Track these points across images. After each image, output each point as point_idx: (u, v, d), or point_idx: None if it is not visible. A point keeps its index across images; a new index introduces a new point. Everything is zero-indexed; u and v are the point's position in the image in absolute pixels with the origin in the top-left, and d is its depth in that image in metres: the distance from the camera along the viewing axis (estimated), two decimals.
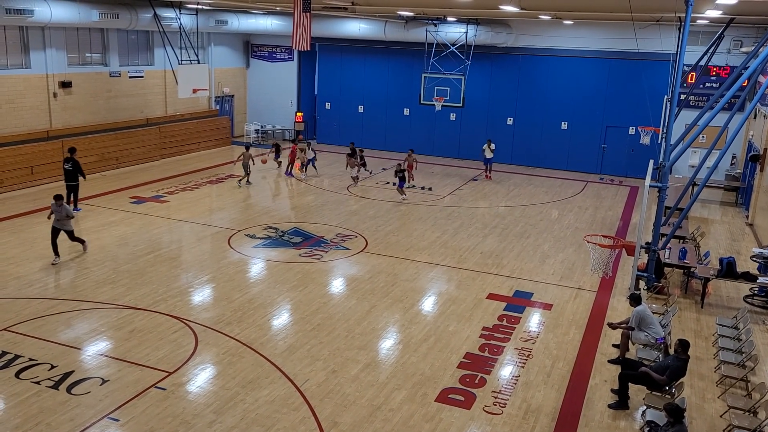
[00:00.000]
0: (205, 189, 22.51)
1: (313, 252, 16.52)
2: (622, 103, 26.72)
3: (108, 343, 11.39)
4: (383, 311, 13.22)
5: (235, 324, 12.27)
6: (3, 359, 10.62)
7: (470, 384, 10.56)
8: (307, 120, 32.53)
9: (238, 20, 28.21)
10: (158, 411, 9.42)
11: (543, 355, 11.68)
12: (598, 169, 27.70)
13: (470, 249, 17.32)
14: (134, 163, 25.27)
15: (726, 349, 11.21)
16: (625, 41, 25.21)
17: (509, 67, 28.24)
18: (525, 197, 23.36)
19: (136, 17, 23.35)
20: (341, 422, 9.35)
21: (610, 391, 10.49)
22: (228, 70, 31.46)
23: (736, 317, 12.52)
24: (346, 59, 30.96)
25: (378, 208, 20.85)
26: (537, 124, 28.30)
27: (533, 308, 13.75)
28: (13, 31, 21.41)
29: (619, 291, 14.83)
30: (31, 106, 22.09)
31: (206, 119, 29.41)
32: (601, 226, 20.05)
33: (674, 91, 14.30)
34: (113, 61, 25.07)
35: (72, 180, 18.82)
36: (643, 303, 11.35)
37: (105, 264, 15.02)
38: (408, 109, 30.05)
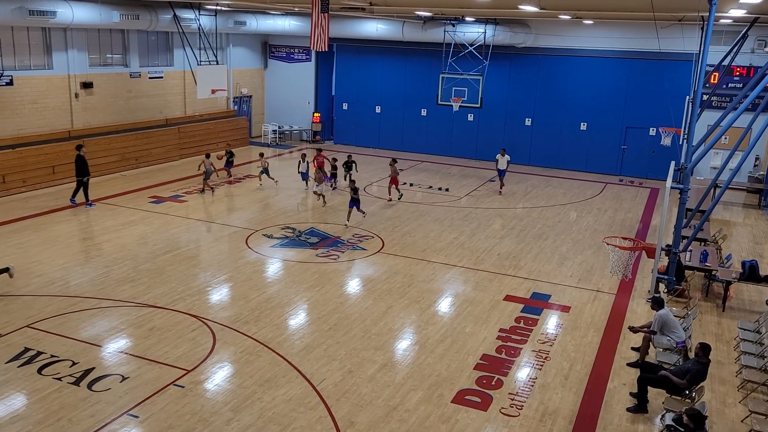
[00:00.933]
0: (223, 189, 22.64)
1: (329, 252, 16.56)
2: (642, 103, 26.47)
3: (128, 340, 11.50)
4: (400, 312, 13.21)
5: (252, 323, 12.33)
6: (26, 355, 10.77)
7: (487, 385, 10.52)
8: (324, 121, 32.62)
9: (256, 21, 28.36)
10: (177, 408, 9.49)
11: (561, 357, 11.61)
12: (618, 170, 27.46)
13: (487, 250, 17.25)
14: (153, 163, 25.50)
15: (748, 354, 11.05)
16: (646, 41, 24.98)
17: (528, 67, 28.10)
18: (543, 198, 23.22)
19: (156, 18, 23.57)
20: (357, 422, 9.36)
21: (628, 395, 10.40)
22: (246, 70, 31.63)
23: (759, 321, 12.34)
24: (363, 60, 31.00)
25: (395, 209, 20.84)
26: (556, 125, 28.12)
27: (551, 310, 13.66)
28: (36, 32, 21.71)
29: (639, 294, 14.70)
30: (53, 106, 22.38)
31: (224, 120, 29.60)
32: (620, 228, 19.88)
33: (697, 91, 14.14)
34: (133, 62, 25.32)
35: (77, 175, 19.35)
36: (665, 307, 11.23)
37: (125, 263, 15.17)
38: (425, 110, 30.01)
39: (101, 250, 15.96)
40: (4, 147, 20.52)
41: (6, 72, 20.54)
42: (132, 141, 24.65)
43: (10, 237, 16.60)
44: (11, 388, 9.83)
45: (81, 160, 19.33)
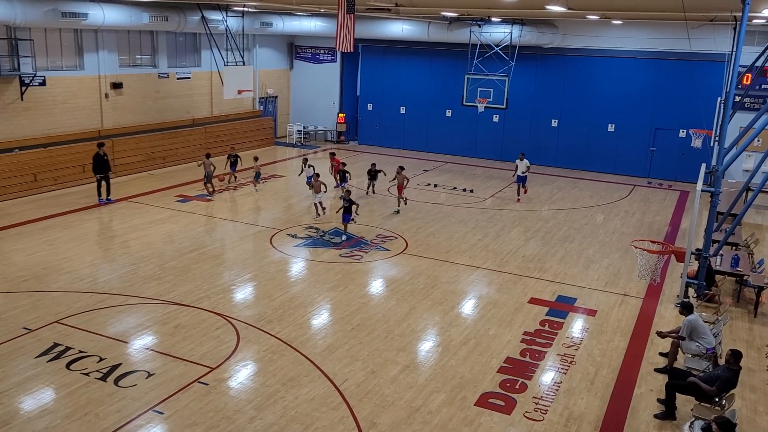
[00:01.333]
0: (248, 188, 22.79)
1: (353, 252, 16.57)
2: (672, 104, 26.07)
3: (154, 337, 11.62)
4: (423, 313, 13.16)
5: (276, 322, 12.38)
6: (55, 350, 10.94)
7: (511, 389, 10.43)
8: (349, 121, 32.68)
9: (282, 22, 28.52)
10: (201, 405, 9.56)
11: (586, 361, 11.46)
12: (646, 172, 27.08)
13: (512, 252, 17.12)
14: (180, 162, 25.77)
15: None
16: (676, 41, 24.60)
17: (555, 67, 27.85)
18: (569, 201, 22.99)
19: (184, 20, 23.83)
20: (380, 423, 9.34)
21: (656, 401, 10.23)
22: (272, 71, 31.83)
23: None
24: (388, 60, 31.00)
25: (419, 210, 20.79)
26: (583, 126, 27.83)
27: (576, 314, 13.50)
28: (68, 33, 22.08)
29: (667, 298, 14.46)
30: (83, 106, 22.74)
31: (250, 120, 29.81)
32: (648, 231, 19.59)
33: (729, 92, 13.88)
34: (162, 63, 25.63)
35: (93, 172, 19.93)
36: (694, 312, 11.03)
37: (151, 260, 15.34)
38: (450, 111, 29.91)
39: (128, 248, 16.17)
40: (35, 146, 20.91)
41: (39, 72, 20.92)
42: (159, 140, 24.95)
43: (40, 234, 16.89)
44: (40, 382, 10.00)
45: (97, 158, 19.73)
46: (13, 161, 19.98)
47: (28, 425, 8.92)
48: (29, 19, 19.01)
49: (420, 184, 24.34)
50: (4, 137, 20.33)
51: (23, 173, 20.23)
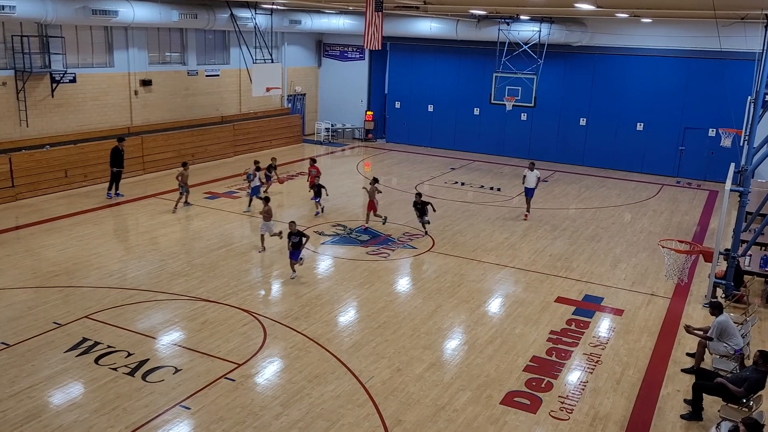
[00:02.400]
0: (276, 186, 22.93)
1: (380, 250, 16.61)
2: (702, 103, 25.66)
3: (181, 333, 11.78)
4: (449, 311, 13.16)
5: (302, 319, 12.47)
6: (84, 345, 11.15)
7: (536, 388, 10.38)
8: (377, 119, 32.72)
9: (311, 20, 28.65)
10: (227, 401, 9.68)
11: (613, 361, 11.37)
12: (675, 172, 26.70)
13: (539, 251, 17.02)
14: (209, 159, 26.05)
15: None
16: (706, 39, 24.17)
17: (583, 66, 27.57)
18: (597, 200, 22.76)
19: (213, 17, 24.07)
20: (405, 420, 9.36)
21: (683, 402, 10.11)
22: (300, 69, 31.99)
23: None
24: (416, 58, 30.96)
25: (446, 208, 20.76)
26: (611, 125, 27.52)
27: (603, 313, 13.39)
28: (99, 31, 22.44)
29: (695, 298, 14.27)
30: (113, 103, 23.10)
31: (278, 117, 30.01)
32: (676, 230, 19.33)
33: (759, 91, 13.64)
34: (191, 60, 25.92)
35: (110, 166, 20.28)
36: (724, 313, 10.86)
37: (180, 257, 15.55)
38: (478, 109, 29.79)
39: (157, 244, 16.40)
40: (66, 142, 21.30)
41: (69, 69, 21.30)
42: (188, 138, 25.24)
43: (71, 229, 17.21)
44: (70, 376, 10.20)
45: (115, 152, 20.08)
46: (44, 157, 20.37)
47: (57, 419, 9.10)
48: (60, 16, 19.36)
49: (447, 183, 24.29)
50: (35, 133, 20.75)
51: (54, 169, 20.62)
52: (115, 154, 20.13)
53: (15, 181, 19.59)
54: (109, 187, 20.39)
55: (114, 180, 20.32)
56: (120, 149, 20.17)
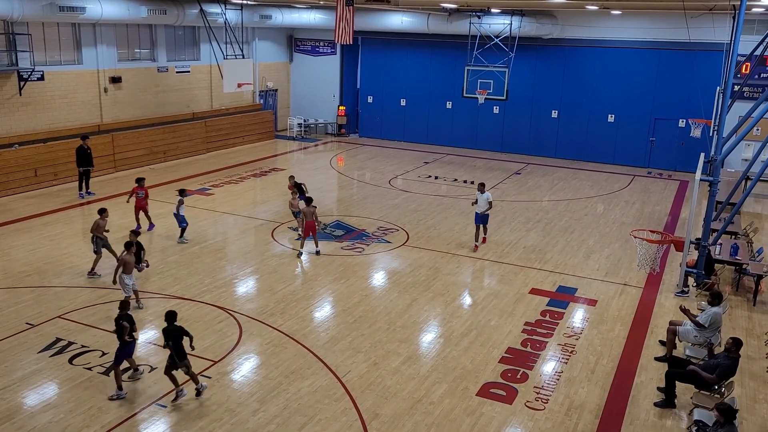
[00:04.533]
0: (250, 182, 22.82)
1: (354, 245, 16.61)
2: (671, 94, 26.05)
3: (156, 331, 11.66)
4: (424, 305, 13.21)
5: (278, 315, 12.43)
6: (57, 345, 11.00)
7: (512, 379, 10.49)
8: (350, 114, 32.65)
9: (281, 15, 28.46)
10: (204, 398, 9.62)
11: (587, 351, 11.52)
12: (646, 162, 27.09)
13: (513, 243, 17.16)
14: (181, 156, 25.78)
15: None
16: (675, 31, 24.54)
17: (554, 59, 27.80)
18: (569, 191, 23.01)
19: (183, 13, 23.78)
20: (382, 414, 9.40)
21: (656, 389, 10.29)
22: (272, 64, 31.78)
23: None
24: (388, 53, 30.94)
25: (420, 202, 20.82)
26: (583, 117, 27.81)
27: (577, 304, 13.56)
28: (66, 28, 22.05)
29: (667, 287, 14.51)
30: (83, 100, 22.74)
31: (250, 113, 29.80)
32: (648, 221, 19.62)
33: (727, 81, 13.88)
34: (161, 57, 25.60)
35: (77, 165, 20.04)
36: (721, 304, 10.94)
37: (153, 255, 15.38)
38: (450, 102, 29.88)
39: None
40: (35, 141, 20.92)
41: (37, 67, 20.90)
42: (160, 135, 24.95)
43: (42, 229, 16.93)
44: (43, 377, 10.06)
45: (80, 151, 19.78)
46: (13, 156, 20.00)
47: (32, 420, 8.98)
48: (27, 13, 18.99)
49: (421, 176, 24.36)
50: (3, 132, 20.35)
51: (23, 168, 20.26)
52: (81, 153, 19.83)
53: None
54: (80, 186, 20.10)
55: (83, 179, 20.05)
56: (85, 147, 19.83)
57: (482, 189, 16.61)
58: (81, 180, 20.05)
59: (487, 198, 16.38)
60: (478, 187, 16.74)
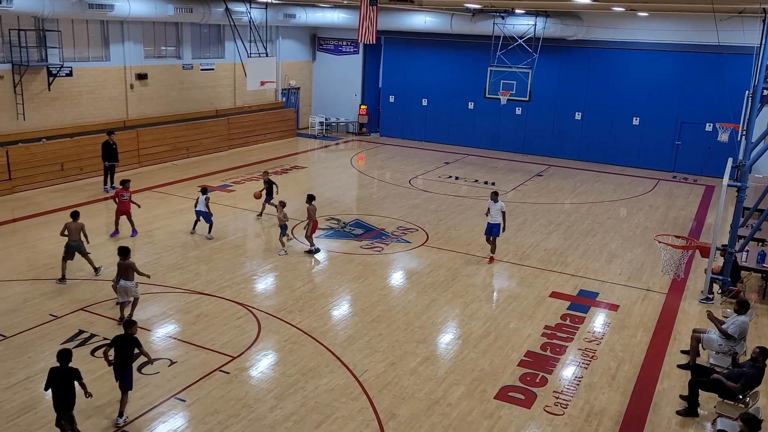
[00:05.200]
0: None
1: (374, 244, 16.59)
2: (698, 98, 25.67)
3: (176, 326, 11.76)
4: (443, 305, 13.16)
5: (296, 312, 12.45)
6: (79, 338, 11.12)
7: (531, 383, 10.39)
8: (371, 113, 32.65)
9: (305, 14, 28.55)
10: (222, 394, 9.67)
11: (608, 356, 11.38)
12: (671, 166, 26.72)
13: (533, 246, 17.02)
14: (203, 153, 25.97)
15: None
16: (703, 34, 24.14)
17: (579, 60, 27.55)
18: (592, 194, 22.78)
19: (208, 11, 23.97)
20: (399, 414, 9.37)
21: (678, 397, 10.13)
22: (295, 63, 31.90)
23: None
24: (411, 52, 30.89)
25: (440, 202, 20.74)
26: (607, 120, 27.53)
27: (598, 308, 13.41)
28: (95, 25, 22.33)
29: (691, 294, 14.29)
30: (109, 96, 23.00)
31: (272, 111, 29.93)
32: (673, 225, 19.36)
33: (757, 86, 13.63)
34: (186, 54, 25.81)
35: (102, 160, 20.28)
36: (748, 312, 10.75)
37: (174, 250, 15.50)
38: (472, 103, 29.74)
39: (152, 237, 16.35)
40: (62, 135, 21.21)
41: (66, 63, 21.18)
42: (183, 131, 25.15)
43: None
44: None
45: (106, 146, 19.98)
46: (40, 151, 20.29)
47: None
48: (57, 10, 19.26)
49: (441, 177, 24.28)
50: (32, 127, 20.65)
51: (50, 163, 20.54)
52: (106, 148, 20.04)
53: (12, 174, 19.52)
54: (105, 181, 20.32)
55: (108, 174, 20.25)
56: (110, 143, 20.05)
57: (495, 198, 15.45)
58: (106, 175, 20.27)
59: (500, 207, 15.29)
60: (491, 196, 15.57)
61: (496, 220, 15.35)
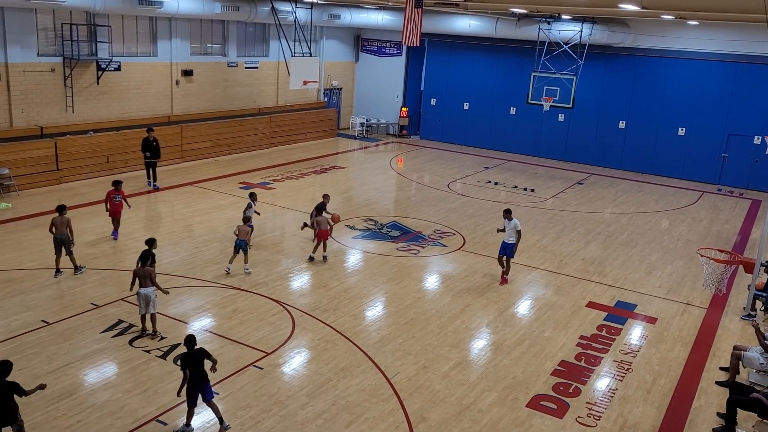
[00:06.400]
0: (310, 178, 23.10)
1: (410, 247, 16.60)
2: (747, 109, 25.02)
3: (212, 320, 11.95)
4: (477, 311, 13.09)
5: (331, 311, 12.54)
6: (119, 327, 11.40)
7: (564, 393, 10.28)
8: (412, 115, 32.66)
9: (350, 14, 28.71)
10: (255, 389, 9.80)
11: (644, 370, 11.19)
12: (717, 179, 26.10)
13: (571, 254, 16.82)
14: (245, 150, 26.31)
15: None
16: (754, 44, 23.55)
17: (625, 68, 27.10)
18: (633, 204, 22.39)
19: (255, 10, 24.30)
20: (429, 418, 9.36)
21: (715, 415, 9.91)
22: (338, 63, 32.10)
23: None
24: (454, 56, 30.81)
25: (478, 207, 20.64)
26: (651, 129, 27.02)
27: (636, 320, 13.18)
28: (144, 21, 22.83)
29: (732, 310, 13.95)
30: (155, 92, 23.49)
31: (314, 111, 30.17)
32: (716, 239, 18.91)
33: None
34: (231, 52, 26.20)
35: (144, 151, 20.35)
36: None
37: (213, 245, 15.76)
38: (515, 108, 29.51)
39: (192, 232, 16.65)
40: (109, 129, 21.74)
41: (115, 58, 21.71)
42: (226, 128, 25.54)
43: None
44: (104, 356, 10.44)
45: (145, 143, 20.05)
46: (87, 143, 20.84)
47: (92, 396, 9.33)
48: (108, 6, 19.77)
49: (480, 182, 24.16)
50: (80, 119, 21.22)
51: (96, 155, 21.08)
52: (146, 145, 20.12)
53: (59, 165, 20.10)
54: (147, 175, 20.70)
55: (149, 169, 20.38)
56: (150, 140, 20.07)
57: (509, 216, 14.45)
58: (148, 169, 20.48)
59: (515, 226, 14.28)
60: (504, 214, 14.60)
61: (510, 239, 14.38)
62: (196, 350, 8.70)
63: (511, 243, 14.32)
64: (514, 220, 14.39)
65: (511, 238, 14.31)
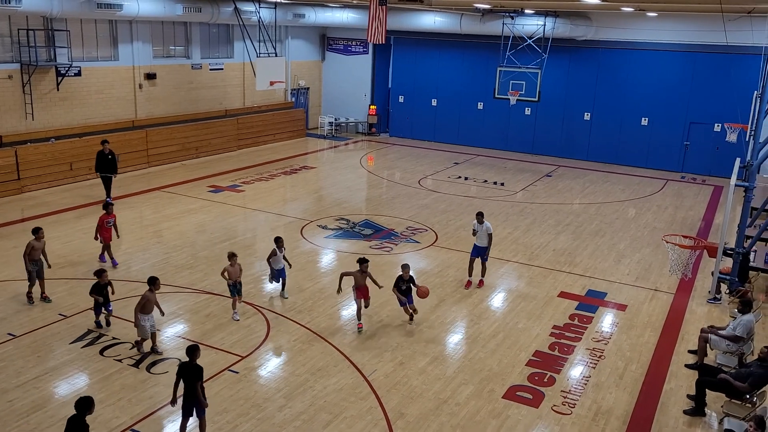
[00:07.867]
0: (280, 179, 22.99)
1: (383, 244, 16.63)
2: (707, 98, 25.57)
3: (185, 325, 11.83)
4: (452, 306, 13.18)
5: (306, 312, 12.51)
6: (89, 337, 11.22)
7: (539, 382, 10.41)
8: (381, 113, 32.69)
9: (315, 13, 28.62)
10: (231, 393, 9.73)
11: (615, 356, 11.38)
12: (680, 167, 26.63)
13: (542, 246, 17.02)
14: (213, 153, 26.07)
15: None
16: (712, 34, 24.06)
17: (588, 60, 27.49)
18: (601, 194, 22.74)
19: (217, 11, 24.06)
20: (407, 414, 9.40)
21: (686, 397, 10.13)
22: (304, 62, 31.97)
23: None
24: (420, 52, 30.90)
25: (449, 203, 20.76)
26: (615, 120, 27.46)
27: (606, 308, 13.40)
28: (104, 24, 22.46)
29: (699, 294, 14.26)
30: (118, 96, 23.13)
31: (282, 111, 30.01)
32: (681, 226, 19.30)
33: (765, 86, 13.58)
34: (195, 54, 25.92)
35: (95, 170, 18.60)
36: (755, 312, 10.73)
37: (184, 250, 15.59)
38: (482, 103, 29.73)
39: (161, 237, 16.45)
40: (71, 135, 21.35)
41: (75, 63, 21.32)
42: (192, 131, 25.26)
43: (76, 223, 17.26)
44: (75, 367, 10.26)
45: (100, 156, 18.27)
46: (49, 150, 20.44)
47: (63, 409, 9.15)
48: (66, 9, 19.40)
49: (451, 177, 24.29)
50: (41, 126, 20.81)
51: (59, 162, 20.69)
52: (101, 159, 18.26)
53: (21, 174, 19.68)
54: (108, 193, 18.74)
55: (105, 185, 18.50)
56: (105, 152, 18.21)
57: (481, 219, 14.01)
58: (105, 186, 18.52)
59: (486, 230, 13.92)
60: (476, 217, 14.14)
61: (482, 242, 14.01)
62: (194, 364, 8.44)
63: (484, 246, 14.06)
64: (486, 223, 14.05)
65: (483, 242, 14.04)
